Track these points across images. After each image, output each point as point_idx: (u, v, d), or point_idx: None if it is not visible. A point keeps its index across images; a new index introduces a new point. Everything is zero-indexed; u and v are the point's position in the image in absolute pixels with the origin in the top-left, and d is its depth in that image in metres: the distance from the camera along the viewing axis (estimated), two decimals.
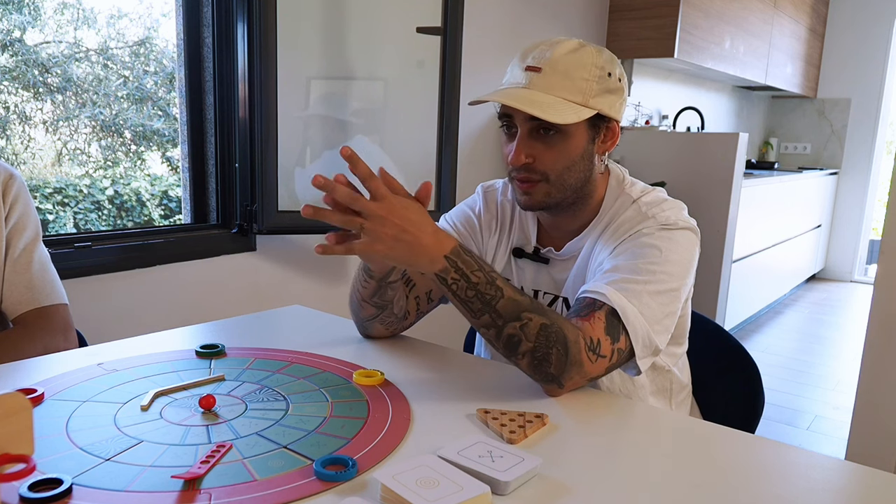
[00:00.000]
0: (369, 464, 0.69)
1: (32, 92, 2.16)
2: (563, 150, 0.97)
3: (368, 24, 2.06)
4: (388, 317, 1.06)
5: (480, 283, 0.85)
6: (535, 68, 0.94)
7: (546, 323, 0.84)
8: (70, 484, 0.62)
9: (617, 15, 3.36)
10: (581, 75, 0.94)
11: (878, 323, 1.74)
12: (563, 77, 0.94)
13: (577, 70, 0.94)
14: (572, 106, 0.93)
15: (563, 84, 0.94)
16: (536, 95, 0.93)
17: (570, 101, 0.94)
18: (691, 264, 0.99)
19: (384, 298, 1.02)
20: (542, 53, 0.95)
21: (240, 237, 1.96)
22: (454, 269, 0.84)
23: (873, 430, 1.78)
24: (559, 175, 0.98)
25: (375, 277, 0.98)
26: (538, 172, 0.98)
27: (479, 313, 0.85)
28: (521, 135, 0.97)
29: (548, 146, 0.97)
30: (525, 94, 0.93)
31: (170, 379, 0.90)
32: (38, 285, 1.11)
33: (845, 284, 5.31)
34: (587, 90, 0.94)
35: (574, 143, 0.97)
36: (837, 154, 5.30)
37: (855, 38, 5.09)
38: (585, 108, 0.94)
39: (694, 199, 3.05)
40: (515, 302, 0.85)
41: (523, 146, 0.97)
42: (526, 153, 0.97)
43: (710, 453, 0.77)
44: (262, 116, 1.82)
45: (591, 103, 0.95)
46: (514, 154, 0.97)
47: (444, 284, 0.85)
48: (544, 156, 0.97)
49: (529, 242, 1.11)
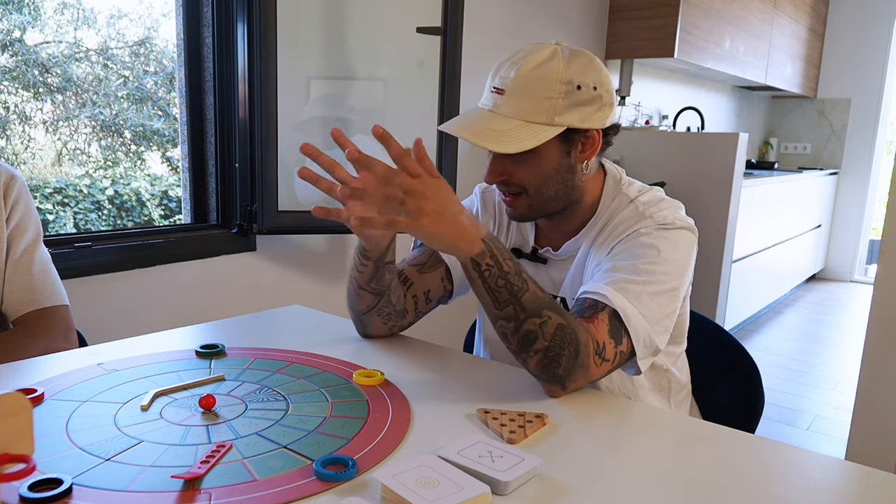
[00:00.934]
0: (369, 464, 0.69)
1: (32, 92, 2.16)
2: (534, 167, 0.97)
3: (368, 24, 2.06)
4: (386, 307, 1.05)
5: (511, 273, 0.84)
6: (500, 90, 0.95)
7: (563, 324, 0.84)
8: (70, 484, 0.62)
9: (617, 15, 3.36)
10: (544, 94, 0.93)
11: (878, 323, 1.74)
12: (524, 98, 0.93)
13: (540, 90, 0.93)
14: (534, 128, 0.93)
15: (525, 106, 0.93)
16: (497, 122, 0.94)
17: (532, 122, 0.93)
18: (689, 264, 0.99)
19: (381, 283, 1.01)
20: (508, 72, 0.95)
21: (240, 237, 1.96)
22: (489, 255, 0.84)
23: (873, 430, 1.78)
24: (537, 189, 0.99)
25: (372, 258, 0.98)
26: (516, 185, 0.99)
27: (504, 304, 0.85)
28: (493, 155, 0.99)
29: (518, 164, 0.97)
30: (485, 123, 0.94)
31: (170, 379, 0.90)
32: (38, 286, 1.11)
33: (845, 284, 5.31)
34: (551, 108, 0.93)
35: (545, 159, 0.97)
36: (837, 154, 5.30)
37: (855, 38, 5.09)
38: (551, 127, 0.93)
39: (694, 199, 3.05)
40: (538, 297, 0.85)
41: (495, 165, 0.99)
42: (497, 172, 0.99)
43: (710, 453, 0.77)
44: (262, 116, 1.82)
45: (558, 120, 0.94)
46: (487, 174, 1.00)
47: (476, 270, 0.85)
48: (517, 173, 0.98)
49: (527, 243, 1.11)
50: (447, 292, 1.13)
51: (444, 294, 1.12)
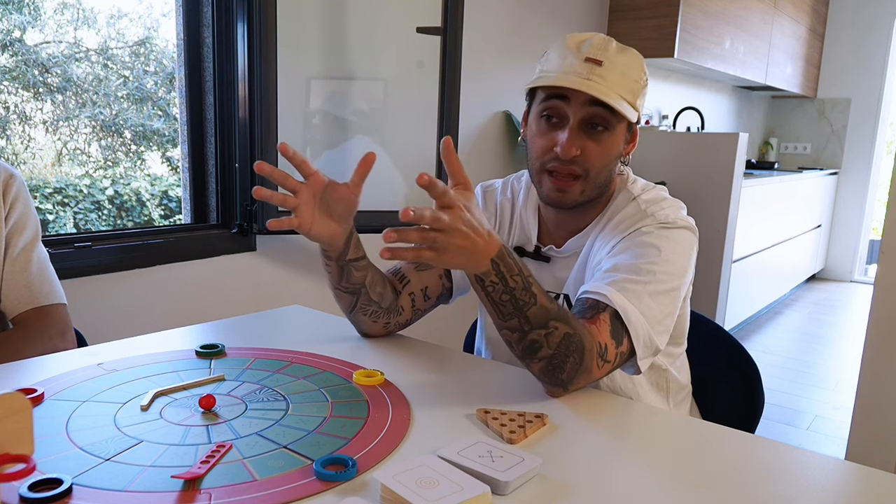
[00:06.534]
0: (369, 464, 0.69)
1: (32, 92, 2.16)
2: (607, 147, 0.97)
3: (368, 24, 2.06)
4: (368, 305, 1.04)
5: (517, 289, 0.82)
6: (597, 61, 0.93)
7: (570, 332, 0.83)
8: (70, 484, 0.62)
9: (617, 15, 3.36)
10: (634, 76, 0.96)
11: (878, 323, 1.74)
12: (622, 75, 0.94)
13: (631, 71, 0.95)
14: (626, 105, 0.95)
15: (622, 82, 0.94)
16: (603, 88, 0.93)
17: (625, 99, 0.95)
18: (690, 263, 0.99)
19: (351, 281, 1.00)
20: (601, 47, 0.95)
21: (240, 237, 1.96)
22: (495, 273, 0.81)
23: (873, 430, 1.78)
24: (598, 172, 0.98)
25: (333, 257, 0.97)
26: (581, 167, 0.97)
27: (508, 317, 0.83)
28: (573, 126, 0.96)
29: (595, 141, 0.97)
30: (594, 86, 0.93)
31: (170, 379, 0.90)
32: (36, 285, 1.11)
33: (845, 284, 5.31)
34: (636, 91, 0.96)
35: (615, 141, 0.98)
36: (837, 154, 5.30)
37: (855, 38, 5.09)
38: (633, 109, 0.96)
39: (694, 199, 3.05)
40: (545, 310, 0.83)
41: (574, 138, 0.95)
42: (577, 145, 0.96)
43: (710, 453, 0.77)
44: (262, 116, 1.82)
45: (639, 104, 0.97)
46: (566, 144, 0.95)
47: (479, 285, 0.82)
48: (591, 151, 0.97)
49: (530, 241, 1.11)
50: (446, 290, 1.12)
51: (443, 291, 1.12)
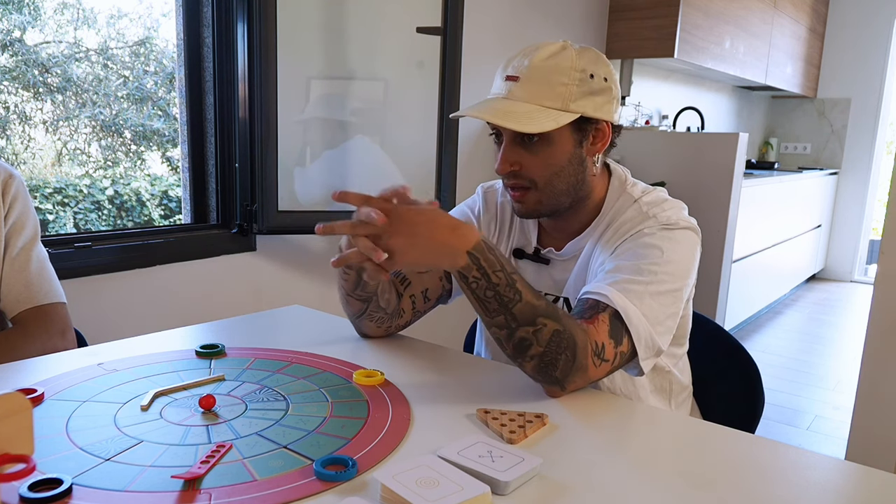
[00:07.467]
0: (369, 464, 0.69)
1: (32, 92, 2.16)
2: (547, 156, 0.97)
3: (368, 24, 2.06)
4: (376, 311, 1.05)
5: (500, 285, 0.83)
6: (514, 77, 0.95)
7: (559, 329, 0.84)
8: (70, 484, 0.62)
9: (617, 15, 3.36)
10: (559, 80, 0.94)
11: (878, 323, 1.74)
12: (541, 84, 0.94)
13: (555, 75, 0.94)
14: (550, 112, 0.94)
15: (541, 91, 0.94)
16: (514, 106, 0.94)
17: (548, 107, 0.94)
18: (693, 264, 0.99)
19: (367, 290, 1.02)
20: (521, 61, 0.95)
21: (240, 237, 1.96)
22: (476, 267, 0.83)
23: (873, 430, 1.78)
24: (547, 181, 0.98)
25: (354, 267, 0.98)
26: (526, 179, 0.99)
27: (494, 314, 0.84)
28: (505, 143, 0.98)
29: (532, 153, 0.97)
30: (502, 106, 0.94)
31: (170, 379, 0.90)
32: (35, 284, 1.11)
33: (845, 284, 5.31)
34: (567, 94, 0.94)
35: (559, 148, 0.97)
36: (837, 154, 5.30)
37: (855, 38, 5.09)
38: (566, 113, 0.94)
39: (694, 199, 3.05)
40: (532, 306, 0.84)
41: (508, 154, 0.98)
42: (510, 161, 0.98)
43: (710, 453, 0.77)
44: (262, 116, 1.82)
45: (573, 107, 0.95)
46: (500, 162, 0.99)
47: (464, 282, 0.84)
48: (529, 163, 0.98)
49: (530, 243, 1.11)
50: (446, 291, 1.13)
51: (442, 293, 1.12)
